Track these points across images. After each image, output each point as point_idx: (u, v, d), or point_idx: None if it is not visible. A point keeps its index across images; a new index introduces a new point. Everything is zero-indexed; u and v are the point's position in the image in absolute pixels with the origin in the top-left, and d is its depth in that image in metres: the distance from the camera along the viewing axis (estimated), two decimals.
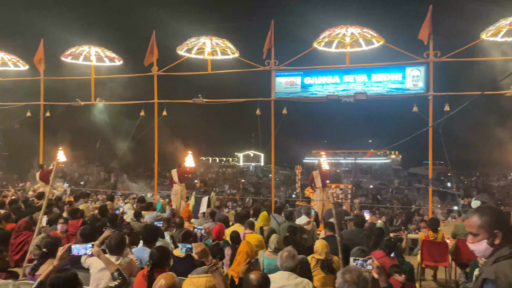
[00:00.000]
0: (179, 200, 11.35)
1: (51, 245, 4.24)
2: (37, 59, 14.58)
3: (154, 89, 13.53)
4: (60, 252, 3.49)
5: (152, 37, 13.15)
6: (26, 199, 9.42)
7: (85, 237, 4.79)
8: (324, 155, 22.24)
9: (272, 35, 12.08)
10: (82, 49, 13.92)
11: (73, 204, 8.76)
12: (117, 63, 14.61)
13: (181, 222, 6.83)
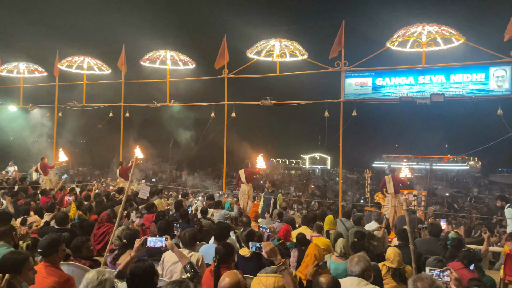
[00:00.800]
0: (246, 200, 11.56)
1: (131, 236, 4.53)
2: (120, 63, 15.73)
3: (224, 91, 13.93)
4: (137, 244, 3.69)
5: (223, 41, 13.54)
6: (108, 193, 10.18)
7: (162, 231, 5.05)
8: (404, 161, 21.22)
9: (343, 35, 11.85)
10: (159, 53, 14.75)
11: (148, 199, 9.29)
12: (190, 67, 15.29)
13: (248, 222, 6.94)
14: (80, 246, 4.57)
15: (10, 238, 4.28)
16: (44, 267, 3.56)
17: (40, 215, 7.41)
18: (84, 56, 16.45)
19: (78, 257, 4.55)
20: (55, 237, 3.69)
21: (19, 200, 8.89)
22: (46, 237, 3.69)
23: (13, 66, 17.52)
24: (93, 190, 11.06)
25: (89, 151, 47.77)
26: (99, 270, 2.97)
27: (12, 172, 17.54)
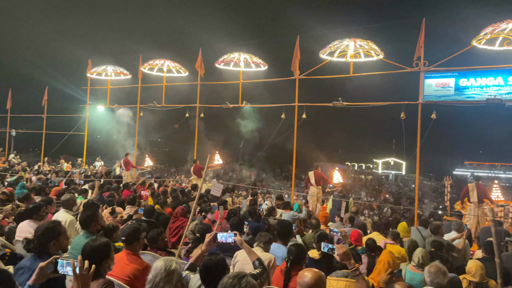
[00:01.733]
0: (315, 202, 11.44)
1: (204, 231, 4.71)
2: (197, 66, 16.43)
3: (295, 93, 13.91)
4: (208, 238, 3.80)
5: (297, 42, 13.53)
6: (183, 190, 10.68)
7: (234, 227, 5.18)
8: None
9: (423, 34, 11.23)
10: (233, 56, 15.17)
11: (220, 197, 9.58)
12: (262, 68, 15.50)
13: (317, 224, 6.85)
14: (156, 237, 4.83)
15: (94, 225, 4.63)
16: (126, 254, 3.82)
17: (122, 207, 7.98)
18: (164, 59, 17.46)
19: (154, 247, 4.81)
20: (136, 227, 3.95)
21: (104, 192, 9.65)
22: (129, 226, 3.97)
23: (102, 69, 19.16)
24: (169, 186, 11.67)
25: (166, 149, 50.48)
26: (167, 259, 3.02)
27: (99, 166, 19.16)
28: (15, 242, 5.16)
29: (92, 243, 3.12)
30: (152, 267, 2.98)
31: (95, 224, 4.29)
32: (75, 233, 5.58)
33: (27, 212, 5.27)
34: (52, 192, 9.31)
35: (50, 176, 13.68)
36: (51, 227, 3.35)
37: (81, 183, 11.40)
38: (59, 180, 12.51)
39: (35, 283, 2.48)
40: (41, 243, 3.26)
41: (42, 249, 3.24)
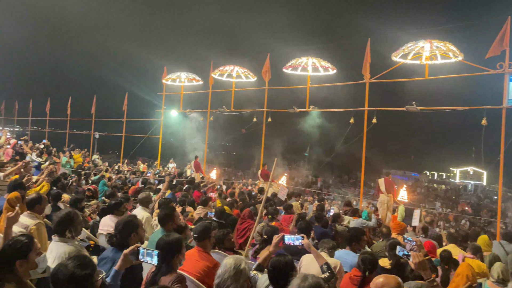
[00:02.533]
0: (385, 211, 11.01)
1: (271, 233, 4.76)
2: (264, 71, 16.68)
3: (365, 97, 13.52)
4: (275, 240, 3.84)
5: (368, 45, 13.17)
6: (250, 193, 10.88)
7: (302, 231, 5.19)
8: None
9: (508, 33, 10.34)
10: (301, 60, 15.16)
11: (286, 201, 9.61)
12: (330, 72, 15.30)
13: (387, 232, 6.59)
14: (222, 238, 4.98)
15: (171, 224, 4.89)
16: (197, 251, 3.99)
17: (193, 207, 8.33)
18: (233, 65, 17.96)
19: (222, 248, 4.96)
20: (207, 225, 4.12)
21: (177, 192, 10.15)
22: (200, 224, 4.15)
23: (176, 76, 20.21)
24: (237, 188, 11.94)
25: (233, 153, 51.68)
26: (237, 258, 3.08)
27: (172, 168, 20.16)
28: (98, 235, 5.63)
29: (165, 238, 3.31)
30: (221, 263, 3.07)
31: (172, 222, 4.51)
32: (150, 229, 5.93)
33: (109, 208, 5.72)
34: (130, 190, 10.00)
35: (128, 175, 14.69)
36: (130, 221, 3.61)
37: (155, 183, 12.10)
38: (136, 179, 13.40)
39: (120, 268, 2.80)
40: (122, 237, 3.52)
41: (123, 243, 3.50)
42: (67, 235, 3.80)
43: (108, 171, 15.26)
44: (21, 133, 29.24)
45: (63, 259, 3.62)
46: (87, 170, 14.05)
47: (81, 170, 13.53)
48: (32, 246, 2.64)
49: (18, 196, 4.93)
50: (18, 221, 3.83)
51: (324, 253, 4.47)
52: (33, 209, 4.61)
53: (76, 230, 3.87)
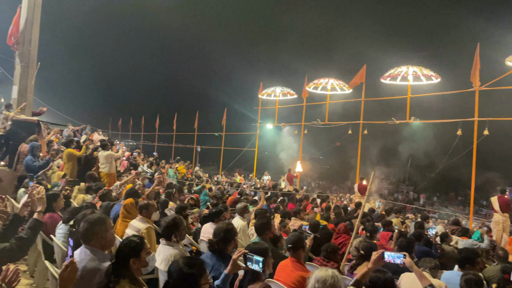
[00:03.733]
0: (500, 232, 9.85)
1: (368, 249, 4.58)
2: (357, 81, 16.22)
3: (474, 106, 12.35)
4: (375, 256, 3.67)
5: (477, 51, 12.07)
6: (346, 207, 10.60)
7: (402, 248, 4.90)
8: None
9: None
10: (400, 69, 14.47)
11: (385, 217, 9.16)
12: (434, 81, 14.32)
13: (505, 255, 5.88)
14: (333, 249, 4.96)
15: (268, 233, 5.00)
16: (291, 262, 4.01)
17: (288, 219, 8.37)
18: (328, 78, 17.84)
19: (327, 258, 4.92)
20: (300, 236, 4.14)
21: (272, 204, 10.32)
22: (294, 234, 4.17)
23: (271, 90, 20.74)
24: (332, 202, 11.74)
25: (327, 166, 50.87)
26: (332, 271, 2.87)
27: (266, 180, 20.58)
28: (200, 241, 5.98)
29: (253, 245, 3.39)
30: (314, 274, 3.00)
31: (269, 232, 4.62)
32: (246, 238, 6.13)
33: (210, 216, 6.06)
34: (228, 200, 10.45)
35: (227, 187, 15.39)
36: (230, 229, 3.79)
37: (251, 194, 12.48)
38: (233, 190, 13.97)
39: (230, 273, 2.96)
40: (222, 244, 3.71)
41: (223, 249, 3.68)
42: (173, 239, 4.13)
43: (208, 182, 16.17)
44: (134, 147, 32.58)
45: (169, 261, 3.94)
46: (190, 180, 15.06)
47: (184, 181, 14.56)
48: (143, 246, 2.92)
49: (132, 202, 5.50)
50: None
51: (426, 272, 4.16)
52: (142, 214, 5.09)
53: (181, 235, 4.18)
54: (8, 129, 9.45)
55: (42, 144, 9.63)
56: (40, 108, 11.77)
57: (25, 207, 3.64)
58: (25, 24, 10.40)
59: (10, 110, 10.03)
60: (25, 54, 10.43)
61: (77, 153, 9.35)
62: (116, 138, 33.79)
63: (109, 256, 3.07)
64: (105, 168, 9.60)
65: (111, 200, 6.22)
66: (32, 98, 10.94)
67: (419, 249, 6.03)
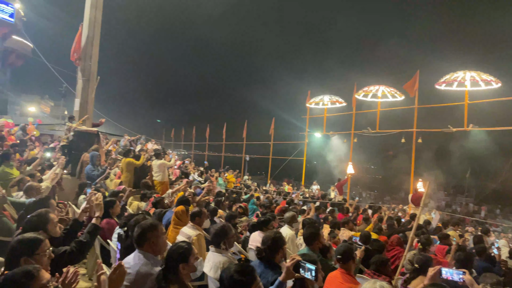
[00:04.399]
0: None
1: (423, 262, 4.37)
2: (409, 87, 15.60)
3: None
4: (432, 272, 3.51)
5: None
6: (399, 218, 10.19)
7: (460, 263, 4.63)
8: None
9: None
10: (457, 75, 13.79)
11: (441, 229, 8.71)
12: (494, 86, 13.48)
13: None
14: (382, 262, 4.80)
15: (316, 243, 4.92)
16: (341, 273, 3.92)
17: (337, 229, 8.19)
18: (379, 85, 17.38)
19: (377, 271, 4.76)
20: (350, 246, 4.04)
21: (321, 214, 10.16)
22: (343, 245, 4.08)
23: (319, 99, 20.54)
24: (386, 214, 11.33)
25: (378, 176, 49.28)
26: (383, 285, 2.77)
27: (315, 190, 20.31)
28: (248, 249, 6.01)
29: (302, 257, 3.35)
30: (364, 285, 2.91)
31: (318, 242, 4.54)
32: (294, 248, 6.07)
33: (258, 224, 6.08)
34: (276, 209, 10.43)
35: (275, 196, 15.37)
36: (278, 237, 3.77)
37: (300, 204, 12.36)
38: (281, 199, 13.92)
39: (284, 280, 2.92)
40: (270, 252, 3.70)
41: (271, 257, 3.68)
42: (222, 246, 4.19)
43: (257, 191, 16.25)
44: (186, 156, 33.50)
45: (218, 268, 4.00)
46: (239, 189, 15.22)
47: (233, 189, 14.74)
48: (191, 251, 2.99)
49: (183, 209, 5.65)
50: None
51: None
52: (194, 221, 5.21)
53: (230, 243, 4.23)
54: (71, 140, 10.12)
55: (101, 153, 10.20)
56: (99, 120, 12.49)
57: (84, 212, 3.88)
58: (86, 41, 11.13)
59: (73, 121, 10.74)
60: (86, 69, 11.15)
61: (136, 163, 9.74)
62: (169, 147, 34.99)
63: (161, 262, 3.18)
64: (158, 176, 9.96)
65: (163, 207, 6.43)
66: (92, 110, 11.64)
67: (480, 265, 5.66)
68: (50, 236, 3.22)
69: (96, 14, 11.29)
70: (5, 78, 29.21)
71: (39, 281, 2.12)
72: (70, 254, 3.28)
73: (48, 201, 4.20)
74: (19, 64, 31.25)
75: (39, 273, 2.14)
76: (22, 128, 13.19)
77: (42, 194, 5.33)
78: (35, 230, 2.92)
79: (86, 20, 11.29)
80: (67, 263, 3.19)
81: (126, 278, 3.01)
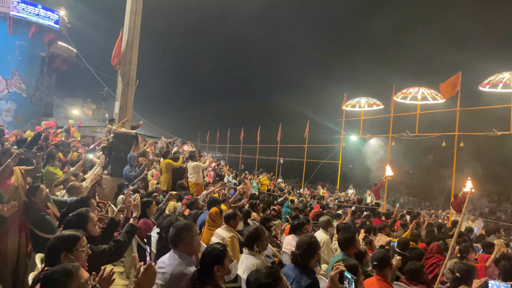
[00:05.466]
0: None
1: (465, 271, 4.17)
2: (450, 89, 15.00)
3: None
4: (477, 284, 3.37)
5: None
6: (440, 225, 9.82)
7: (505, 274, 4.38)
8: None
9: None
10: (502, 76, 13.13)
11: (485, 237, 8.30)
12: None
13: None
14: (418, 270, 4.67)
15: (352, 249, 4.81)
16: (377, 280, 3.81)
17: (373, 234, 7.99)
18: (418, 87, 16.84)
19: (412, 279, 4.62)
20: (387, 253, 3.91)
21: (356, 219, 9.95)
22: (379, 251, 3.97)
23: (356, 101, 20.18)
24: (424, 220, 10.94)
25: (417, 181, 47.69)
26: None
27: (351, 194, 19.94)
28: (282, 253, 5.97)
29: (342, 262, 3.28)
30: None
31: (353, 247, 4.44)
32: (329, 252, 5.97)
33: (292, 228, 6.03)
34: (310, 214, 10.32)
35: (309, 199, 15.23)
36: (314, 242, 3.72)
37: (335, 208, 12.17)
38: (316, 203, 13.77)
39: None
40: (306, 257, 3.65)
41: (305, 262, 3.63)
42: (255, 249, 4.18)
43: (291, 194, 16.16)
44: (220, 158, 33.87)
45: (251, 271, 3.99)
46: (272, 192, 15.20)
47: (268, 193, 14.73)
48: (226, 253, 2.99)
49: (217, 211, 5.69)
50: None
51: None
52: (228, 223, 5.23)
53: (263, 245, 4.21)
54: (111, 141, 10.48)
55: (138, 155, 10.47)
56: (138, 122, 12.87)
57: (120, 212, 3.99)
58: (126, 46, 11.52)
59: (113, 124, 11.13)
60: (126, 73, 11.54)
61: (175, 164, 9.93)
62: (204, 150, 35.52)
63: (195, 262, 3.21)
64: (193, 178, 10.13)
65: (198, 209, 6.51)
66: (131, 113, 12.03)
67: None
68: (89, 235, 3.32)
69: (136, 19, 11.68)
70: (50, 82, 30.80)
71: (78, 279, 2.17)
72: (108, 253, 3.37)
73: (89, 201, 4.35)
74: (63, 69, 32.92)
75: (78, 271, 2.19)
76: (66, 130, 13.81)
77: (83, 193, 5.53)
78: (75, 228, 3.02)
79: (126, 26, 11.70)
80: (105, 261, 3.29)
81: (161, 277, 3.06)
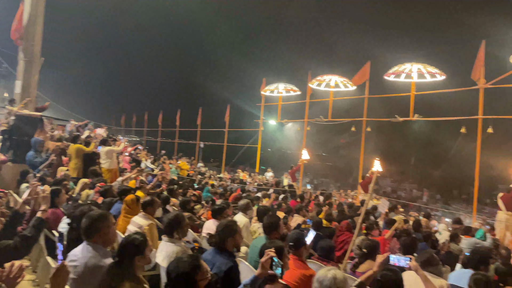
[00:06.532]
0: (503, 230, 9.80)
1: (371, 247, 4.56)
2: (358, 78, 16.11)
3: (478, 104, 12.27)
4: (380, 259, 3.62)
5: (481, 48, 11.98)
6: (351, 204, 10.57)
7: (406, 248, 4.83)
8: None
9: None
10: (404, 67, 14.35)
11: (387, 215, 9.13)
12: (438, 78, 14.21)
13: (507, 255, 5.84)
14: (330, 248, 4.97)
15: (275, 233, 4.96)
16: (293, 259, 3.98)
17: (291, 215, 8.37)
18: (332, 74, 17.74)
19: (324, 257, 4.89)
20: (301, 233, 4.14)
21: (273, 201, 10.31)
22: (295, 232, 4.17)
23: (274, 87, 20.63)
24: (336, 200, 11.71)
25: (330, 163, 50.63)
26: (337, 272, 2.84)
27: (269, 177, 20.56)
28: (202, 237, 5.98)
29: (269, 244, 3.38)
30: (318, 274, 2.96)
31: (276, 232, 4.50)
32: (248, 235, 6.11)
33: (213, 212, 6.05)
34: (230, 197, 10.45)
35: (230, 183, 15.39)
36: (230, 225, 3.77)
37: (254, 191, 12.47)
38: (236, 187, 13.96)
39: (260, 276, 2.77)
40: (221, 239, 3.69)
41: (221, 244, 3.67)
42: (175, 235, 4.12)
43: (211, 178, 16.18)
44: (138, 143, 32.58)
45: (171, 258, 3.94)
46: (192, 177, 15.07)
47: (187, 177, 14.57)
48: (147, 243, 2.91)
49: (133, 198, 5.48)
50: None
51: (429, 274, 4.11)
52: (146, 210, 5.08)
53: (183, 232, 4.17)
54: (12, 124, 9.47)
55: (45, 139, 9.64)
56: (44, 103, 11.78)
57: (25, 204, 3.64)
58: (29, 19, 10.36)
59: (14, 105, 10.05)
60: (29, 49, 10.40)
61: (86, 149, 9.33)
62: (119, 133, 33.82)
63: (110, 253, 3.07)
64: (106, 163, 9.60)
65: (113, 196, 6.21)
66: (35, 94, 10.93)
67: (424, 249, 5.98)
68: None
69: None
70: None
71: None
72: (13, 249, 3.09)
73: None
74: None
75: None
76: None
77: None
78: None
79: None
80: (11, 258, 3.00)
81: (74, 271, 2.87)
